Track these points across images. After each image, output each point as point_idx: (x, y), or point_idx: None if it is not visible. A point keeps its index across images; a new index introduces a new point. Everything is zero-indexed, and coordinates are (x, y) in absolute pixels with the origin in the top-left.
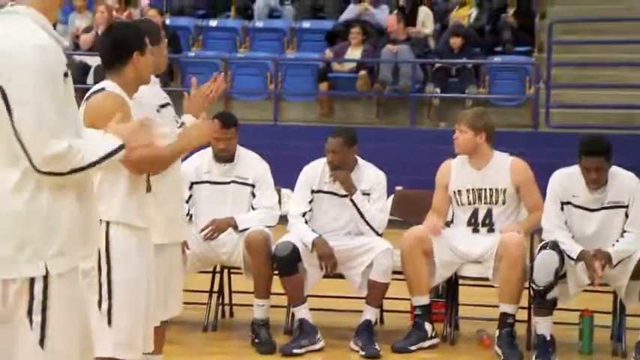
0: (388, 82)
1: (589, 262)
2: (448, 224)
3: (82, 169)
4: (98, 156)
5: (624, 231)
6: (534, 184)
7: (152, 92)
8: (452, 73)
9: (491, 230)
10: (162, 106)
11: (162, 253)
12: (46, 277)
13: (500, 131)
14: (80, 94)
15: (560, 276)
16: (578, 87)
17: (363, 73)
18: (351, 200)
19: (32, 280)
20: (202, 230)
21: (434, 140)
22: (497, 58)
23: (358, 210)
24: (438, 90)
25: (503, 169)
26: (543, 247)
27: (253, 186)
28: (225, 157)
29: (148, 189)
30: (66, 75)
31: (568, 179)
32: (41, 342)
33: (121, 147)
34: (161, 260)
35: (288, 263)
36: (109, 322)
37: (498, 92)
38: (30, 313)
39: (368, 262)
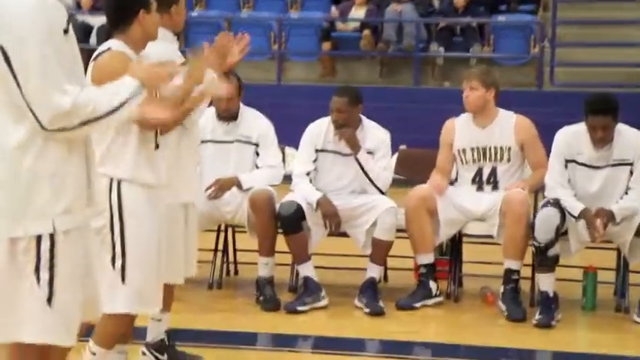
0: (392, 42)
1: (590, 220)
2: (452, 183)
3: (97, 119)
4: (112, 106)
5: (628, 188)
6: (539, 141)
7: (170, 50)
8: (456, 32)
9: (495, 188)
10: (180, 64)
11: (177, 212)
12: (52, 235)
13: (504, 90)
14: (83, 54)
15: (561, 233)
16: (582, 45)
17: (366, 32)
18: (356, 159)
19: (39, 238)
20: (207, 189)
21: (438, 99)
22: (501, 17)
23: (362, 169)
24: (442, 49)
25: (507, 127)
26: (545, 205)
27: (257, 145)
28: (228, 116)
29: (157, 146)
30: (66, 31)
31: (573, 137)
32: (49, 300)
33: (139, 89)
34: (175, 219)
35: (292, 222)
36: (123, 278)
37: (503, 51)
38: (37, 270)
39: (372, 220)
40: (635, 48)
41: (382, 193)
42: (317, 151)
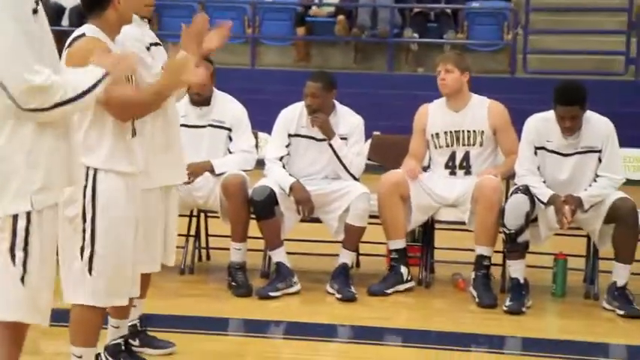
0: (366, 27)
1: (559, 206)
2: (425, 169)
3: (68, 101)
4: (82, 89)
5: (597, 175)
6: (511, 128)
7: (140, 32)
8: (430, 18)
9: (468, 173)
10: (153, 44)
11: (155, 197)
12: (29, 214)
13: (477, 77)
14: (55, 35)
15: (531, 220)
16: (555, 33)
17: (341, 17)
18: (330, 145)
19: (15, 217)
20: None
21: (412, 85)
22: (475, 4)
23: (336, 154)
24: (416, 35)
25: (481, 111)
26: (515, 192)
27: (230, 130)
28: (201, 100)
29: (134, 133)
30: (35, 11)
31: (543, 124)
32: (22, 279)
33: (105, 75)
34: (153, 205)
35: (265, 207)
36: (90, 270)
37: (476, 38)
38: (12, 249)
39: (345, 206)
40: (607, 35)
41: (355, 179)
42: (290, 136)
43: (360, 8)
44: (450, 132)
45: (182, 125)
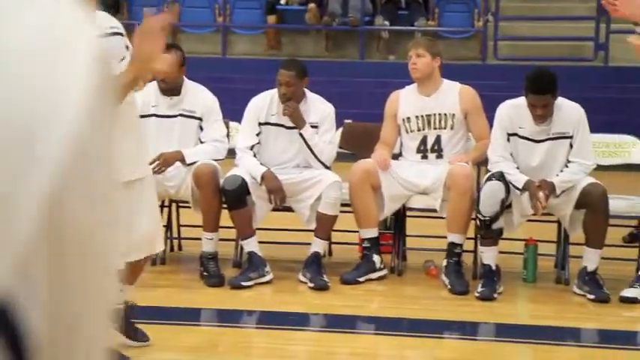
0: (337, 15)
1: (533, 191)
2: (397, 157)
3: None
4: None
5: (569, 161)
6: (482, 112)
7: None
8: (401, 5)
9: (440, 156)
10: (111, 34)
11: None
12: None
13: (449, 63)
14: None
15: (505, 206)
16: (525, 19)
17: (312, 5)
18: (300, 134)
19: None
20: (150, 164)
21: (383, 73)
22: None
23: (307, 144)
24: (387, 23)
25: (452, 95)
26: (489, 179)
27: (201, 119)
28: (171, 90)
29: None
30: None
31: (514, 111)
32: None
33: None
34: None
35: (236, 196)
36: None
37: (447, 25)
38: None
39: (316, 195)
40: (577, 21)
41: (327, 167)
42: (260, 124)
43: None
44: (422, 116)
45: (153, 115)
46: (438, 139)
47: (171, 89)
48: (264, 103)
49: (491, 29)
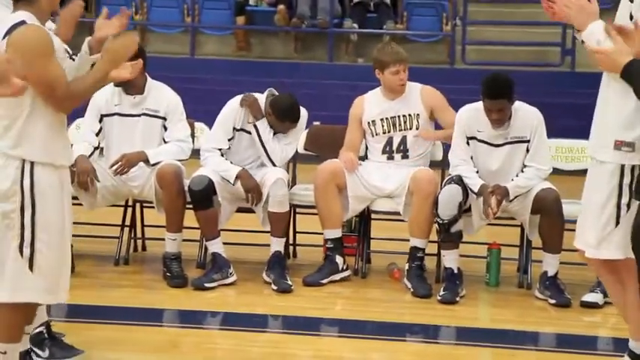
0: (306, 17)
1: (486, 197)
2: (362, 159)
3: None
4: None
5: (525, 165)
6: (447, 105)
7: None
8: (370, 8)
9: (405, 157)
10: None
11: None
12: None
13: (417, 67)
14: None
15: (464, 210)
16: (493, 24)
17: (281, 7)
18: (255, 126)
19: None
20: (112, 165)
21: (352, 76)
22: None
23: (260, 138)
24: (356, 25)
25: (415, 95)
26: (448, 182)
27: (164, 118)
28: (134, 89)
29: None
30: None
31: (473, 114)
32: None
33: None
34: None
35: (203, 197)
36: (31, 267)
37: (416, 28)
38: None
39: (264, 194)
40: (544, 27)
41: (274, 165)
42: (235, 129)
43: None
44: (387, 118)
45: (115, 114)
46: (403, 140)
47: (134, 88)
48: (242, 109)
49: (460, 33)
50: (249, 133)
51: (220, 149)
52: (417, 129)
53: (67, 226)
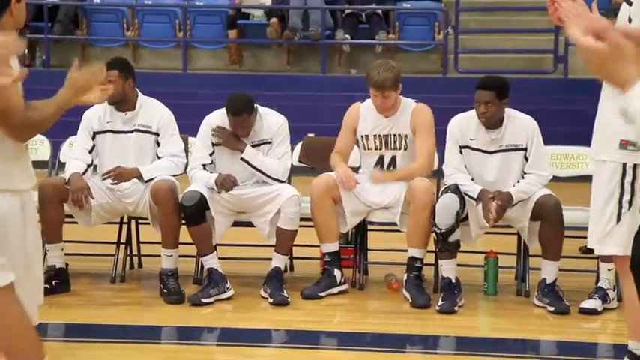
0: (298, 30)
1: (485, 202)
2: (356, 170)
3: None
4: None
5: (525, 173)
6: (430, 130)
7: None
8: (362, 19)
9: None
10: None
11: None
12: None
13: (409, 77)
14: None
15: (462, 219)
16: (486, 32)
17: (273, 20)
18: (242, 159)
19: None
20: (105, 174)
21: (345, 87)
22: (406, 4)
23: (251, 166)
24: (348, 37)
25: (406, 115)
26: (445, 191)
27: (157, 134)
28: (125, 105)
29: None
30: None
31: (465, 122)
32: None
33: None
34: None
35: (195, 212)
36: None
37: (408, 38)
38: None
39: (275, 209)
40: (536, 34)
41: (281, 182)
42: (214, 144)
43: (291, 10)
44: (379, 136)
45: (108, 131)
46: (393, 160)
47: (126, 105)
48: (219, 122)
49: (452, 42)
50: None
51: (204, 165)
52: (405, 150)
53: (29, 250)
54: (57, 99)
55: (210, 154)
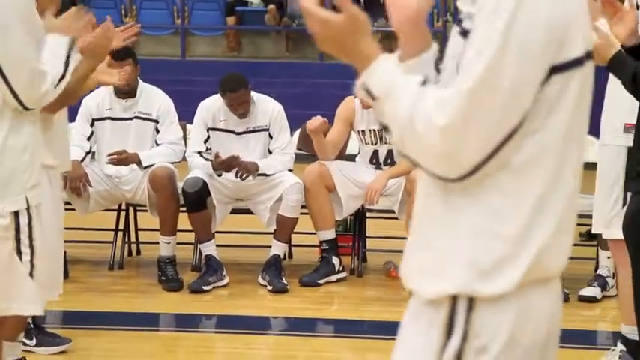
0: (297, 16)
1: None
2: (354, 158)
3: (59, 82)
4: (62, 68)
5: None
6: None
7: None
8: (361, 6)
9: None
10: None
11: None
12: (28, 210)
13: None
14: None
15: None
16: None
17: (271, 7)
18: (259, 175)
19: (17, 214)
20: (111, 155)
21: (343, 74)
22: None
23: (266, 176)
24: None
25: None
26: None
27: (157, 121)
28: (126, 92)
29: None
30: None
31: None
32: (31, 273)
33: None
34: None
35: (197, 199)
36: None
37: None
38: (19, 246)
39: (276, 196)
40: None
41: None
42: (209, 129)
43: None
44: (374, 130)
45: (107, 118)
46: (390, 153)
47: (126, 92)
48: (213, 109)
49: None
50: (224, 131)
51: (200, 152)
52: None
53: (60, 226)
54: (80, 68)
55: (205, 141)
